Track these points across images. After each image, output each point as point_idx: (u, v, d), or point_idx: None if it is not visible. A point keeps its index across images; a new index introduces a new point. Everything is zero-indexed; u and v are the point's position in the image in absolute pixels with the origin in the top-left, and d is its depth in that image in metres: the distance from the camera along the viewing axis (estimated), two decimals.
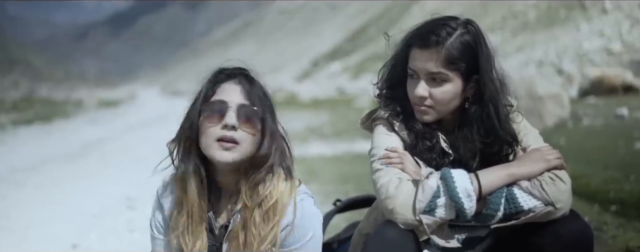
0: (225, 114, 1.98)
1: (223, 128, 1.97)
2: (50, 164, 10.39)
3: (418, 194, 1.96)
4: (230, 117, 1.97)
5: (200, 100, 2.03)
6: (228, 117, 1.97)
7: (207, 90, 2.04)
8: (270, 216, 2.01)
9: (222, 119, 1.98)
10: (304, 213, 2.03)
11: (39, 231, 5.56)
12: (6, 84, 53.83)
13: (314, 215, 2.07)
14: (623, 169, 5.15)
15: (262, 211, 2.00)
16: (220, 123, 1.98)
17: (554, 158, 2.06)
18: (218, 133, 1.97)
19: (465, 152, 2.16)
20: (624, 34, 15.79)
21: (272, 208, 2.01)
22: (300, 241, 2.03)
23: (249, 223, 2.00)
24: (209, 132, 1.98)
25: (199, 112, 2.02)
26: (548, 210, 1.97)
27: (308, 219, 2.04)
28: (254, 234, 1.99)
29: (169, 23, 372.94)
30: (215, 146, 1.98)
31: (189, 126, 2.02)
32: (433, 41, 2.05)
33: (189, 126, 2.02)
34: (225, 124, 1.96)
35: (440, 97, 2.10)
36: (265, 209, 2.00)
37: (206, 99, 2.03)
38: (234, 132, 1.97)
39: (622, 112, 8.47)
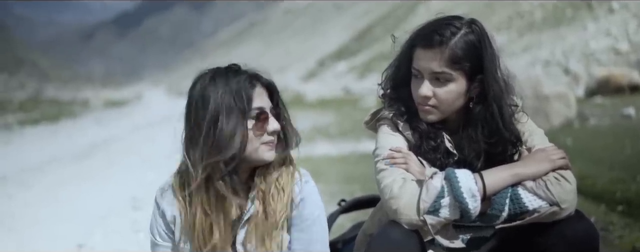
0: (268, 120, 2.05)
1: (270, 134, 2.05)
2: (56, 164, 10.43)
3: (422, 194, 1.95)
4: (273, 123, 2.06)
5: (238, 111, 2.00)
6: (272, 123, 2.05)
7: (244, 98, 2.02)
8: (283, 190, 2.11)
9: (264, 125, 2.04)
10: (310, 191, 2.15)
11: (44, 230, 5.58)
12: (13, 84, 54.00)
13: (317, 195, 2.17)
14: (630, 169, 5.12)
15: (276, 187, 2.10)
16: (264, 130, 2.04)
17: (558, 158, 2.04)
18: (266, 139, 2.05)
19: (469, 153, 2.15)
20: (630, 33, 15.73)
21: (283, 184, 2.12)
22: (309, 218, 2.13)
23: (267, 198, 2.09)
24: (256, 139, 2.03)
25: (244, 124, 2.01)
26: (553, 210, 1.95)
27: (314, 197, 2.15)
28: (273, 208, 2.09)
29: (174, 23, 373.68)
30: (263, 149, 2.05)
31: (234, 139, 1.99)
32: (437, 41, 2.04)
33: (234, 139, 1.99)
34: (272, 131, 2.05)
35: (444, 97, 2.09)
36: (279, 186, 2.11)
37: (247, 107, 2.02)
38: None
39: (628, 112, 8.44)
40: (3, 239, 5.34)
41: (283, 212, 2.10)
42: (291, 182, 2.13)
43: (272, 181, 2.10)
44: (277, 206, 2.09)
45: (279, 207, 2.09)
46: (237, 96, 2.00)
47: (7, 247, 5.04)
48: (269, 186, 2.10)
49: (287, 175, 2.13)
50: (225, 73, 2.06)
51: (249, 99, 2.02)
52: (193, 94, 2.06)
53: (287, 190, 2.11)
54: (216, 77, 2.05)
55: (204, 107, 2.00)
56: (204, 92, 2.02)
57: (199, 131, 2.00)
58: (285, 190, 2.11)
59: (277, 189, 2.11)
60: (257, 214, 2.10)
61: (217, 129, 1.98)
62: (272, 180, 2.10)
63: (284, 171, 2.13)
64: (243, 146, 2.00)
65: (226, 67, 2.10)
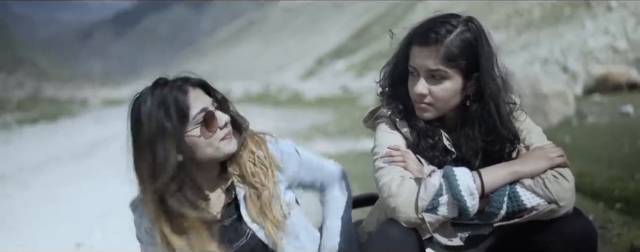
0: (214, 117, 2.06)
1: (223, 128, 2.08)
2: (55, 163, 10.43)
3: (420, 192, 1.95)
4: (222, 118, 2.08)
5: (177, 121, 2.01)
6: (221, 119, 2.07)
7: (181, 110, 2.02)
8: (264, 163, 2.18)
9: (214, 123, 2.05)
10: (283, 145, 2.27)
11: (43, 229, 5.59)
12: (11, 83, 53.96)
13: (290, 143, 2.31)
14: (628, 167, 5.12)
15: (252, 163, 2.17)
16: (216, 126, 2.06)
17: (557, 156, 2.04)
18: (221, 134, 2.08)
19: (467, 151, 2.15)
20: (629, 31, 15.73)
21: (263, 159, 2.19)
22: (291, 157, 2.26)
23: (249, 179, 2.16)
24: (212, 139, 2.06)
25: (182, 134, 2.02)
26: (551, 208, 1.96)
27: (289, 148, 2.28)
28: (261, 182, 2.16)
29: (173, 22, 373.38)
30: (223, 144, 2.08)
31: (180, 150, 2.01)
32: (432, 39, 2.04)
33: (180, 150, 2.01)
34: (223, 124, 2.07)
35: (439, 94, 2.09)
36: (255, 161, 2.18)
37: (185, 117, 2.02)
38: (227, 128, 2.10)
39: (627, 110, 8.43)
40: (2, 238, 5.34)
41: (271, 181, 2.17)
42: (265, 151, 2.20)
43: (244, 162, 2.16)
44: (262, 180, 2.16)
45: (265, 180, 2.16)
46: (170, 111, 2.01)
47: (6, 246, 5.05)
48: (244, 167, 2.15)
49: (257, 148, 2.19)
50: (152, 90, 2.05)
51: (185, 109, 2.02)
52: (130, 117, 2.08)
53: (266, 161, 2.18)
54: (145, 96, 2.05)
55: (139, 129, 2.03)
56: (138, 115, 2.04)
57: (139, 155, 2.04)
58: (265, 162, 2.18)
59: (256, 164, 2.17)
60: (249, 195, 2.16)
61: (153, 155, 1.99)
62: (244, 162, 2.16)
63: (250, 147, 2.19)
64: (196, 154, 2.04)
65: (153, 84, 2.09)
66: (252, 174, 2.16)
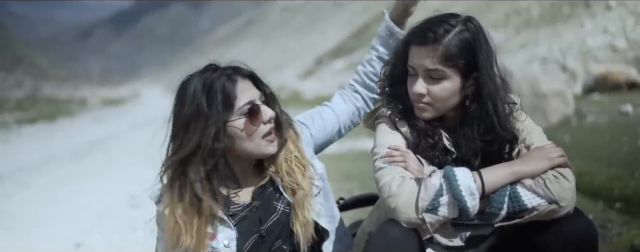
0: (259, 111, 2.04)
1: (266, 123, 2.07)
2: (54, 163, 10.42)
3: (421, 192, 1.94)
4: (267, 111, 2.07)
5: (221, 108, 2.00)
6: (265, 112, 2.06)
7: (227, 97, 2.01)
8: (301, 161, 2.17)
9: (258, 117, 2.04)
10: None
11: (42, 229, 5.58)
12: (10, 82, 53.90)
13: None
14: (627, 166, 5.13)
15: (289, 162, 2.15)
16: (259, 121, 2.04)
17: (557, 156, 2.04)
18: (264, 130, 2.06)
19: (467, 151, 2.15)
20: (628, 30, 15.70)
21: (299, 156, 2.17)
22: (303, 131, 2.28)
23: (285, 179, 2.14)
24: (255, 133, 2.05)
25: (223, 122, 2.01)
26: (552, 208, 1.95)
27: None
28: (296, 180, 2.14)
29: (172, 21, 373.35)
30: (264, 144, 2.08)
31: (217, 137, 2.00)
32: (430, 38, 2.04)
33: (217, 137, 2.00)
34: (268, 119, 2.06)
35: (438, 94, 2.09)
36: (291, 159, 2.16)
37: (229, 106, 2.02)
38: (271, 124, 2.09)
39: (626, 109, 8.44)
40: (2, 238, 5.34)
41: (307, 180, 2.16)
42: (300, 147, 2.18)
43: (280, 162, 2.14)
44: (298, 179, 2.14)
45: (300, 180, 2.14)
46: (215, 97, 2.00)
47: (6, 247, 5.05)
48: (280, 166, 2.14)
49: (294, 144, 2.17)
50: (201, 74, 2.06)
51: (231, 98, 2.02)
52: (175, 95, 2.09)
53: (303, 160, 2.17)
54: (194, 78, 2.06)
55: (180, 109, 2.04)
56: (182, 95, 2.05)
57: (175, 130, 2.05)
58: (301, 161, 2.17)
59: (292, 163, 2.15)
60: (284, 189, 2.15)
61: (189, 128, 1.99)
62: (280, 161, 2.14)
63: (288, 145, 2.16)
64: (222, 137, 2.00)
65: (204, 68, 2.09)
66: (288, 172, 2.14)
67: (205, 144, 1.98)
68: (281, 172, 2.14)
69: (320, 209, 2.21)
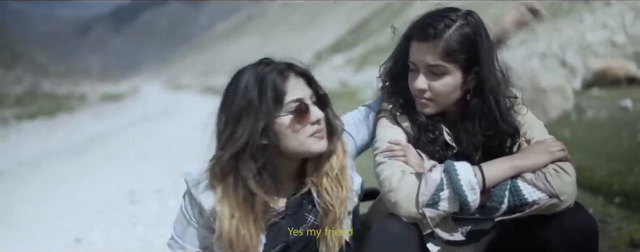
0: (308, 111, 1.99)
1: (314, 124, 2.01)
2: (53, 159, 10.42)
3: (421, 187, 1.94)
4: (316, 112, 2.01)
5: (271, 103, 1.96)
6: (314, 113, 2.00)
7: (277, 93, 1.97)
8: (340, 181, 2.09)
9: (306, 117, 1.99)
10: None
11: (42, 225, 5.58)
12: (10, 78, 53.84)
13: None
14: (627, 161, 5.12)
15: (329, 179, 2.07)
16: (307, 121, 1.99)
17: (558, 150, 2.03)
18: (311, 130, 2.00)
19: (468, 145, 2.14)
20: (627, 25, 15.69)
21: (339, 174, 2.09)
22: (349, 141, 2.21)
23: (322, 194, 2.07)
24: (302, 131, 1.99)
25: (272, 118, 1.96)
26: (552, 202, 1.94)
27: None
28: (331, 200, 2.06)
29: (171, 17, 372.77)
30: (311, 141, 2.01)
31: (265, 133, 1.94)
32: (431, 34, 2.03)
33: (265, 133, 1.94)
34: (315, 120, 2.00)
35: (439, 89, 2.08)
36: (332, 177, 2.08)
37: (278, 102, 1.98)
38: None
39: (625, 104, 8.43)
40: (1, 234, 5.34)
41: (342, 207, 2.08)
42: (345, 173, 2.11)
43: (323, 174, 2.08)
44: (332, 200, 2.07)
45: (334, 201, 2.07)
46: (266, 91, 1.96)
47: (5, 243, 5.05)
48: (320, 180, 2.07)
49: (338, 160, 2.10)
50: (255, 67, 2.02)
51: (281, 93, 1.97)
52: (228, 87, 2.03)
53: (344, 183, 2.10)
54: (247, 71, 2.01)
55: (231, 100, 1.99)
56: (235, 87, 2.00)
57: (224, 122, 1.99)
58: (340, 179, 2.10)
59: (332, 181, 2.09)
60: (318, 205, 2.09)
61: (239, 122, 1.95)
62: (323, 173, 2.08)
63: (333, 158, 2.09)
64: (272, 133, 1.96)
65: (258, 61, 2.05)
66: (326, 190, 2.07)
67: (253, 139, 1.93)
68: (320, 187, 2.07)
69: (349, 225, 2.16)
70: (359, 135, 2.27)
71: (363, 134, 2.28)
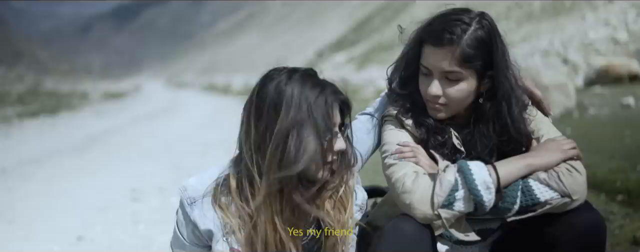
0: (336, 140, 1.93)
1: (335, 154, 1.95)
2: (55, 157, 10.41)
3: (436, 188, 1.92)
4: (340, 143, 1.94)
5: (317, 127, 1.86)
6: (339, 144, 1.94)
7: (327, 118, 1.88)
8: (343, 202, 2.03)
9: (332, 144, 1.93)
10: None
11: (44, 223, 5.58)
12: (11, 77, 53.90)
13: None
14: (629, 159, 5.11)
15: (332, 200, 2.01)
16: (331, 149, 1.93)
17: (570, 148, 2.03)
18: (329, 159, 1.94)
19: (482, 149, 2.12)
20: (629, 23, 15.67)
21: (344, 195, 2.03)
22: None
23: (322, 215, 1.98)
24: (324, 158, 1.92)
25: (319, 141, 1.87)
26: (564, 201, 1.93)
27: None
28: (332, 223, 1.99)
29: (173, 15, 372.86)
30: (322, 169, 1.93)
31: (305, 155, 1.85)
32: (447, 39, 1.97)
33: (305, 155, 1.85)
34: (337, 150, 1.94)
35: (454, 95, 2.05)
36: (336, 199, 2.01)
37: (328, 127, 1.89)
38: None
39: (628, 102, 8.42)
40: (3, 231, 5.34)
41: (344, 221, 2.02)
42: (351, 199, 2.06)
43: (325, 196, 2.00)
44: (335, 225, 2.00)
45: (338, 227, 2.01)
46: (320, 112, 1.86)
47: (7, 240, 5.04)
48: (323, 200, 1.99)
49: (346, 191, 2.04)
50: (303, 80, 1.90)
51: (330, 118, 1.89)
52: (265, 93, 1.89)
53: (348, 208, 2.04)
54: (294, 81, 1.88)
55: (276, 111, 1.85)
56: (280, 96, 1.86)
57: (269, 136, 1.85)
58: (344, 202, 2.03)
59: (335, 205, 2.02)
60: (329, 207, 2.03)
61: (288, 139, 1.83)
62: (326, 195, 2.00)
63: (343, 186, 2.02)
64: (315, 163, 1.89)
65: (304, 72, 1.94)
66: (327, 212, 2.00)
67: (303, 160, 1.84)
68: (321, 206, 1.99)
69: (352, 240, 2.11)
70: (363, 145, 2.22)
71: (367, 143, 2.24)
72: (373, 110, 2.31)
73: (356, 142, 2.12)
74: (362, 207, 2.15)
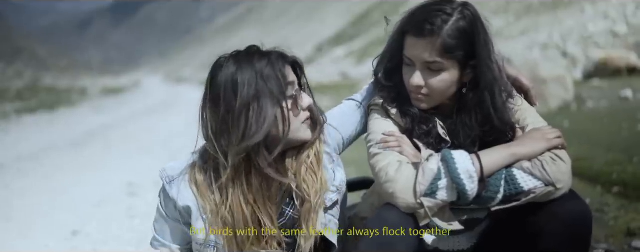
0: (301, 96, 2.02)
1: (305, 110, 2.04)
2: (53, 153, 10.41)
3: (419, 176, 1.92)
4: (306, 98, 2.04)
5: (274, 93, 1.95)
6: (304, 99, 2.03)
7: (279, 81, 1.97)
8: (315, 171, 2.09)
9: (299, 102, 2.02)
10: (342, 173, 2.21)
11: (40, 218, 5.58)
12: (10, 73, 53.86)
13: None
14: (627, 151, 5.11)
15: (306, 168, 2.08)
16: (300, 106, 2.02)
17: (554, 137, 2.02)
18: (303, 116, 2.03)
19: (465, 139, 2.12)
20: (628, 16, 15.66)
21: (314, 163, 2.09)
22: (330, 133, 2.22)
23: (300, 183, 2.06)
24: (296, 118, 2.01)
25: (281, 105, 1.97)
26: (549, 190, 1.93)
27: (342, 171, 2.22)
28: (308, 190, 2.06)
29: (172, 10, 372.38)
30: (304, 128, 2.04)
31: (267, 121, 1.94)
32: (428, 30, 1.98)
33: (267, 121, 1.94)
34: (308, 106, 2.03)
35: (436, 86, 2.05)
36: (308, 166, 2.08)
37: (283, 87, 1.98)
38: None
39: (626, 94, 8.42)
40: (0, 227, 5.34)
41: (316, 197, 2.06)
42: (321, 164, 2.11)
43: (301, 162, 2.07)
44: (308, 190, 2.06)
45: (310, 191, 2.06)
46: (271, 78, 1.95)
47: (3, 235, 5.05)
48: (300, 166, 2.06)
49: (316, 156, 2.10)
50: (249, 57, 1.99)
51: (284, 79, 1.98)
52: (218, 81, 1.97)
53: (319, 173, 2.09)
54: (241, 61, 1.98)
55: (234, 93, 1.94)
56: (233, 78, 1.95)
57: (230, 118, 1.94)
58: (315, 169, 2.09)
59: (308, 170, 2.08)
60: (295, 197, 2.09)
61: (249, 114, 1.92)
62: (301, 162, 2.07)
63: (311, 151, 2.10)
64: (285, 128, 1.97)
65: (247, 50, 2.03)
66: (304, 179, 2.06)
67: (265, 126, 1.93)
68: (299, 176, 2.06)
69: (330, 222, 2.14)
70: (346, 129, 2.26)
71: (349, 128, 2.27)
72: (361, 98, 2.32)
73: (339, 126, 2.22)
74: (340, 188, 2.18)
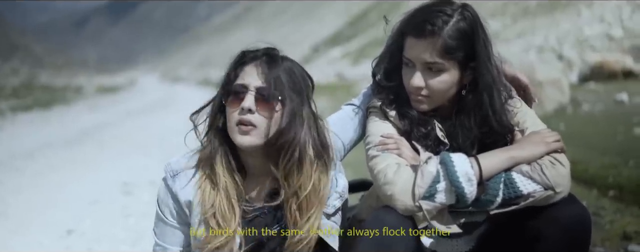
0: (245, 97, 1.99)
1: (241, 112, 1.99)
2: (48, 150, 10.39)
3: (417, 179, 1.91)
4: (247, 101, 1.99)
5: (224, 84, 2.06)
6: (245, 101, 1.99)
7: (229, 74, 2.06)
8: (305, 206, 2.03)
9: (237, 102, 2.01)
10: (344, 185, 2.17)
11: (35, 216, 5.57)
12: (6, 70, 53.68)
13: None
14: (622, 155, 5.13)
15: (297, 200, 2.03)
16: (236, 107, 2.00)
17: (553, 141, 2.01)
18: (237, 117, 1.99)
19: (464, 141, 2.11)
20: (624, 19, 15.72)
21: (306, 199, 2.03)
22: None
23: (285, 210, 2.05)
24: (231, 116, 2.01)
25: (221, 97, 2.06)
26: (548, 194, 1.92)
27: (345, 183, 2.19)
28: (288, 222, 2.05)
29: (169, 9, 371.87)
30: (236, 130, 2.01)
31: (215, 108, 2.07)
32: (428, 31, 1.97)
33: (215, 108, 2.07)
34: (242, 108, 1.99)
35: (436, 87, 2.04)
36: (300, 199, 2.03)
37: (229, 83, 2.04)
38: (251, 115, 1.98)
39: (622, 98, 8.44)
40: None
41: (304, 229, 2.03)
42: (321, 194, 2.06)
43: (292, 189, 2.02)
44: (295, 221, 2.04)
45: (298, 224, 2.03)
46: (229, 68, 2.07)
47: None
48: (291, 192, 2.02)
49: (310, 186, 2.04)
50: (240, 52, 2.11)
51: (235, 72, 2.05)
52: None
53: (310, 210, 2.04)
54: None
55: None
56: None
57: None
58: (306, 209, 2.04)
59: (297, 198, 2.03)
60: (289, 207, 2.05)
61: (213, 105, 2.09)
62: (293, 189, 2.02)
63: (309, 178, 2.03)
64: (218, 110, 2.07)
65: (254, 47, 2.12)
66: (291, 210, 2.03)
67: (212, 118, 2.08)
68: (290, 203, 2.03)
69: (332, 228, 2.11)
70: (345, 134, 2.24)
71: (349, 133, 2.25)
72: (359, 102, 2.30)
73: (339, 131, 2.20)
74: (342, 194, 2.16)
